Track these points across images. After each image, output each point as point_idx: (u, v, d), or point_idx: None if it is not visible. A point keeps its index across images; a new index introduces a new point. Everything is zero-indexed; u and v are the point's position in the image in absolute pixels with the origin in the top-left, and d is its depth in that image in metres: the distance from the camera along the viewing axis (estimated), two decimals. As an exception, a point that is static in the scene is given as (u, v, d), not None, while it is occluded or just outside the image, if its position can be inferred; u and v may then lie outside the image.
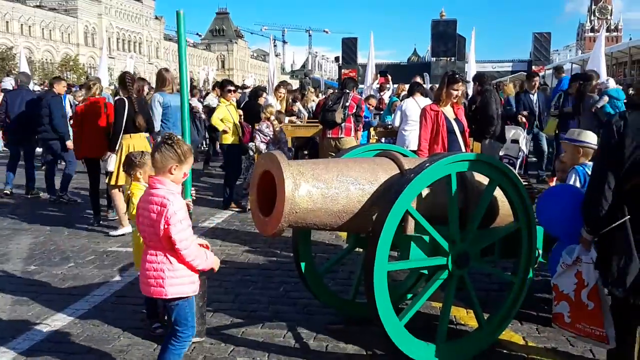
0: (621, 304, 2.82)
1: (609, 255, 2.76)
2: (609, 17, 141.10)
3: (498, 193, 3.62)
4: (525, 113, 9.73)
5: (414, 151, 5.49)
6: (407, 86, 10.15)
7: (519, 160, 8.61)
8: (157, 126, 6.88)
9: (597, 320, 3.08)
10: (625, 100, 7.97)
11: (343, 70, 48.77)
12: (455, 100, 5.57)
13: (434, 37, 57.78)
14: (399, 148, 4.71)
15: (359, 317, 4.05)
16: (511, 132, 8.69)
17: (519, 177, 3.70)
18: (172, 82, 7.05)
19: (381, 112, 11.13)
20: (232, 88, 8.47)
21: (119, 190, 6.53)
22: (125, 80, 6.66)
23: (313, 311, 4.27)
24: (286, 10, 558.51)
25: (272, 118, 7.92)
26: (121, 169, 6.35)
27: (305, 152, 11.48)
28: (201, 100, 14.02)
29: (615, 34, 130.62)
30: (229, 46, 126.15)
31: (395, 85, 14.17)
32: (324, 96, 12.63)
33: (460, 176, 3.52)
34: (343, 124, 7.65)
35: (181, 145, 2.97)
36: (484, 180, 3.62)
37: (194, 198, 3.92)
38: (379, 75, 15.35)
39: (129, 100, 6.51)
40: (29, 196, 9.01)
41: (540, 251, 3.86)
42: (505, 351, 3.66)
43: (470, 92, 11.81)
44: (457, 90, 5.47)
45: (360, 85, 14.59)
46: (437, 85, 6.33)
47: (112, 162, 6.53)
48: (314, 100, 13.21)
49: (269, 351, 3.65)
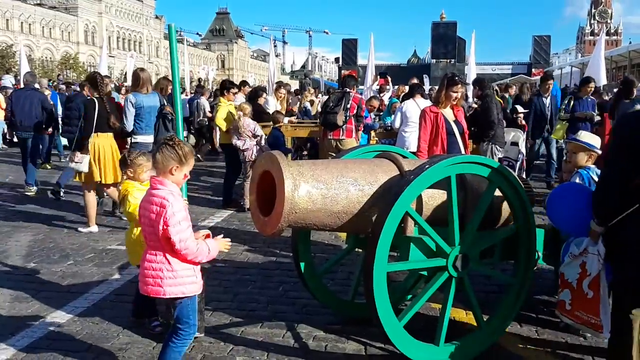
0: (621, 292, 2.93)
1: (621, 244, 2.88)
2: (609, 21, 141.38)
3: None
4: (522, 110, 9.38)
5: (413, 153, 5.50)
6: (407, 87, 10.14)
7: (519, 163, 8.62)
8: (130, 127, 6.87)
9: (594, 309, 3.29)
10: None
11: (343, 71, 48.74)
12: (454, 102, 5.58)
13: (434, 39, 57.89)
14: (398, 149, 4.72)
15: (357, 318, 4.06)
16: (511, 135, 8.70)
17: (519, 180, 3.72)
18: (148, 83, 7.04)
19: (381, 114, 11.14)
20: (235, 90, 8.54)
21: (94, 189, 6.65)
22: (97, 80, 6.71)
23: (312, 311, 4.28)
24: (286, 10, 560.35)
25: (240, 114, 7.71)
26: (94, 167, 6.49)
27: (304, 153, 11.50)
28: (209, 100, 14.05)
29: (615, 37, 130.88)
30: (229, 46, 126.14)
31: (395, 87, 14.18)
32: (323, 97, 12.63)
33: (460, 178, 3.54)
34: (344, 126, 7.64)
35: (182, 146, 2.99)
36: (483, 182, 3.63)
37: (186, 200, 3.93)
38: (378, 76, 15.35)
39: (99, 100, 6.58)
40: (26, 193, 8.94)
41: (540, 253, 3.88)
42: (504, 353, 3.66)
43: (470, 95, 11.84)
44: (457, 92, 5.48)
45: (360, 87, 14.58)
46: (437, 87, 6.34)
47: (86, 162, 6.48)
48: (310, 101, 13.23)
49: (268, 350, 3.66)
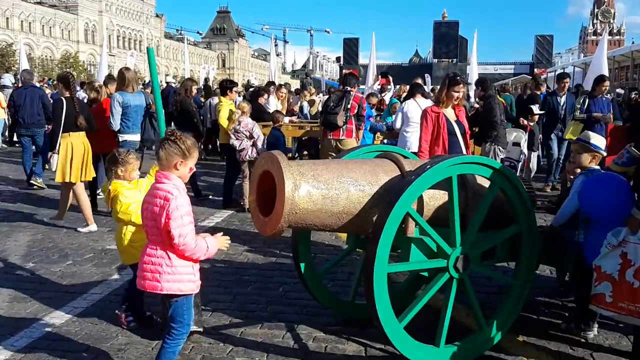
0: None
1: None
2: (611, 21, 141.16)
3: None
4: (540, 112, 9.15)
5: (415, 153, 5.48)
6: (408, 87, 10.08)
7: (520, 163, 8.59)
8: (117, 125, 7.01)
9: None
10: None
11: (344, 71, 48.78)
12: (456, 102, 5.55)
13: (435, 39, 57.88)
14: (399, 149, 4.69)
15: (358, 319, 4.04)
16: (513, 135, 8.66)
17: (521, 180, 3.70)
18: (133, 82, 7.17)
19: (381, 113, 11.11)
20: (237, 89, 8.54)
21: (69, 187, 6.69)
22: (69, 80, 6.79)
23: (312, 312, 4.26)
24: (287, 9, 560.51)
25: (239, 113, 7.65)
26: (65, 166, 6.51)
27: (305, 153, 11.47)
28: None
29: (617, 37, 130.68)
30: (229, 45, 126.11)
31: (397, 86, 14.16)
32: (324, 96, 12.61)
33: (461, 178, 3.51)
34: (344, 126, 7.60)
35: (184, 140, 2.94)
36: (485, 182, 3.61)
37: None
38: (380, 76, 15.33)
39: (68, 100, 6.63)
40: (32, 182, 9.14)
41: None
42: (505, 355, 3.64)
43: (471, 95, 11.81)
44: (458, 92, 5.45)
45: (362, 86, 14.55)
46: (438, 87, 6.31)
47: (54, 162, 6.55)
48: (311, 100, 13.21)
49: (267, 351, 3.64)
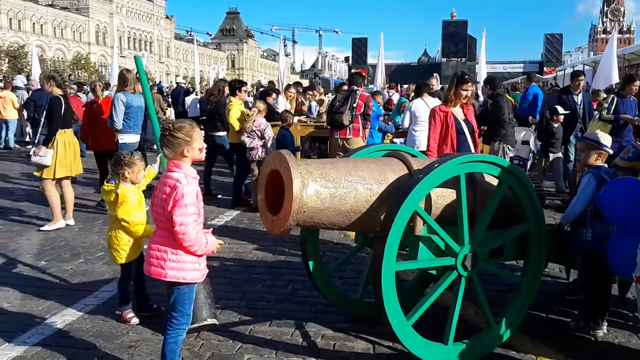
0: None
1: None
2: (621, 19, 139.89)
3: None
4: (566, 112, 8.64)
5: (423, 151, 5.48)
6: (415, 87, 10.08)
7: (529, 162, 8.56)
8: (119, 125, 7.19)
9: None
10: None
11: (353, 71, 48.74)
12: (464, 101, 5.54)
13: (444, 38, 57.56)
14: (407, 148, 4.70)
15: (366, 316, 4.05)
16: (522, 134, 8.64)
17: (529, 179, 3.70)
18: (134, 82, 7.31)
19: (389, 113, 11.11)
20: (246, 88, 8.57)
21: (57, 184, 6.77)
22: (59, 78, 6.96)
23: (321, 310, 4.28)
24: (296, 10, 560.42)
25: (255, 111, 7.63)
26: (59, 162, 6.59)
27: (317, 144, 11.44)
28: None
29: (627, 35, 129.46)
30: (239, 46, 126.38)
31: (405, 86, 14.17)
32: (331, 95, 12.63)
33: (470, 177, 3.52)
34: (351, 125, 7.62)
35: (179, 128, 2.92)
36: (493, 181, 3.61)
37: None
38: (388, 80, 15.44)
39: (64, 98, 6.78)
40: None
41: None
42: (513, 352, 3.64)
43: (480, 93, 11.77)
44: (467, 90, 5.44)
45: (370, 86, 14.58)
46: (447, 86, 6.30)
47: (50, 156, 6.59)
48: (319, 100, 13.21)
49: (276, 349, 3.67)
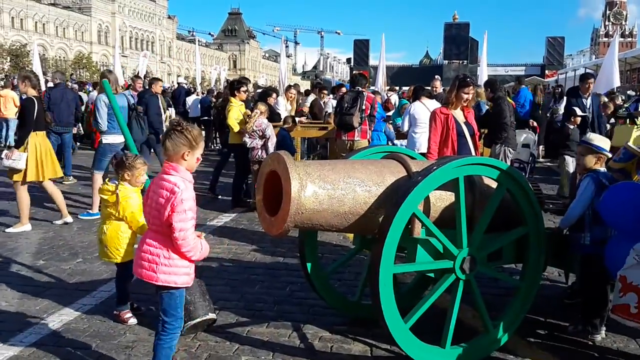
0: None
1: None
2: (623, 23, 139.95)
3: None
4: (581, 113, 8.39)
5: (423, 154, 5.47)
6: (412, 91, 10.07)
7: (529, 166, 8.56)
8: (104, 126, 7.27)
9: None
10: None
11: (355, 72, 48.67)
12: (465, 104, 5.54)
13: (446, 40, 57.51)
14: (407, 150, 4.69)
15: (364, 319, 4.04)
16: (522, 137, 8.63)
17: (528, 182, 3.69)
18: (116, 84, 7.41)
19: (389, 114, 11.11)
20: (245, 89, 8.51)
21: (26, 187, 6.60)
22: (32, 78, 6.84)
23: (318, 312, 4.27)
24: (298, 11, 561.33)
25: (257, 112, 7.63)
26: (31, 165, 6.45)
27: (311, 155, 11.44)
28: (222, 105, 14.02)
29: (629, 39, 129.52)
30: (240, 46, 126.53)
31: (406, 88, 14.18)
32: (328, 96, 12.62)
33: (469, 180, 3.50)
34: (359, 127, 7.61)
35: (191, 130, 2.93)
36: (492, 184, 3.60)
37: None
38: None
39: (38, 100, 6.70)
40: (63, 182, 9.51)
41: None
42: (511, 356, 3.63)
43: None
44: (468, 94, 5.43)
45: (371, 87, 14.58)
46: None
47: (23, 160, 6.47)
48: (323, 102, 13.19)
49: (273, 350, 3.66)
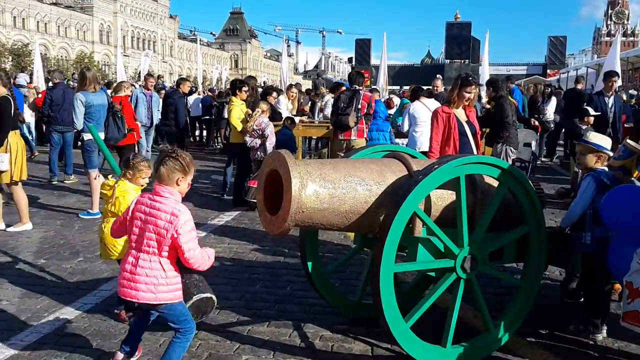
0: None
1: None
2: (625, 22, 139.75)
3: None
4: (596, 113, 8.16)
5: (424, 153, 5.46)
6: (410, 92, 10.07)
7: (531, 165, 8.54)
8: (80, 125, 7.16)
9: None
10: None
11: (352, 70, 48.63)
12: (467, 103, 5.53)
13: (448, 39, 57.57)
14: (407, 149, 4.68)
15: (365, 318, 4.03)
16: (523, 135, 8.62)
17: (530, 181, 3.68)
18: (94, 81, 7.37)
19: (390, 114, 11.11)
20: (246, 88, 8.50)
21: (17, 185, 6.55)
22: (6, 77, 6.69)
23: (319, 311, 4.26)
24: (300, 10, 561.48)
25: (258, 111, 7.62)
26: (15, 165, 6.34)
27: (311, 154, 11.44)
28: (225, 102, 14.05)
29: (631, 38, 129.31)
30: (242, 46, 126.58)
31: (407, 87, 14.19)
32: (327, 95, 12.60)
33: (470, 179, 3.50)
34: (356, 126, 7.60)
35: (184, 157, 3.05)
36: (493, 183, 3.59)
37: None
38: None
39: (13, 99, 6.55)
40: (65, 182, 9.60)
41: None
42: (512, 356, 3.62)
43: (483, 96, 11.75)
44: (470, 93, 5.42)
45: (373, 87, 14.59)
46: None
47: (7, 161, 6.34)
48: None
49: (274, 350, 3.65)
